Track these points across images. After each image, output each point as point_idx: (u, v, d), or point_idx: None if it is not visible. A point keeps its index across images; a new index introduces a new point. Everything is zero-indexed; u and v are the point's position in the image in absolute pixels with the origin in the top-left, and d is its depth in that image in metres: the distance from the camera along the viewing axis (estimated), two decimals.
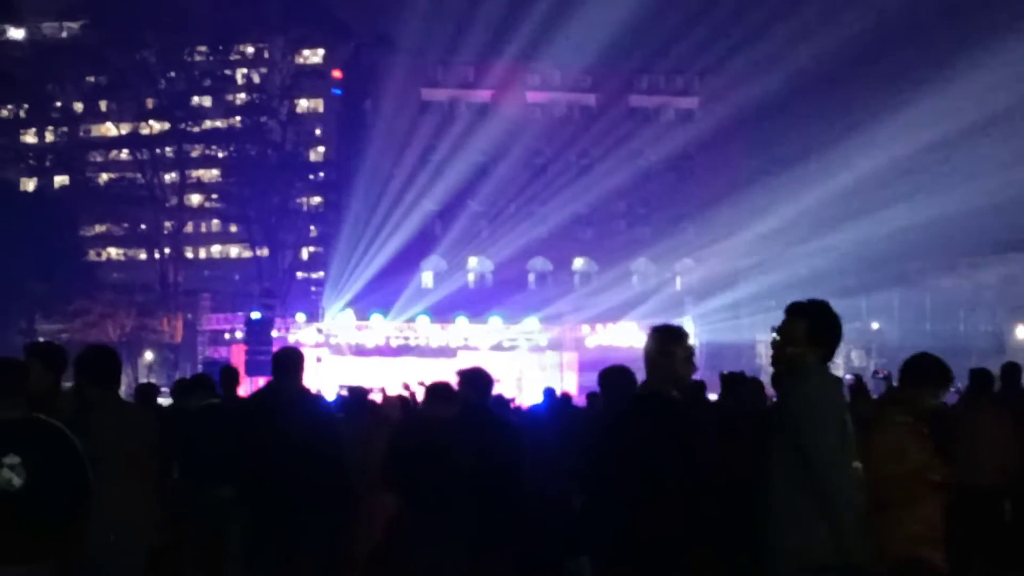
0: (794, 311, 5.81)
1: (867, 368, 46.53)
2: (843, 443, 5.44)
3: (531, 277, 71.98)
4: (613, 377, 7.77)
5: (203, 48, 72.54)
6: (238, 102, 74.12)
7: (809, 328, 5.72)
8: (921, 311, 60.76)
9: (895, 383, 7.42)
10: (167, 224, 72.72)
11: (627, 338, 50.47)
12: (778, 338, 5.81)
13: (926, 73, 57.14)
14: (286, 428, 7.63)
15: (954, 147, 57.11)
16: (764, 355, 59.38)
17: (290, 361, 8.14)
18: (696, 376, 7.27)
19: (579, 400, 19.31)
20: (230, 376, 11.71)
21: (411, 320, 50.17)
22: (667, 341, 6.14)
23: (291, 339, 44.63)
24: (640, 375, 6.70)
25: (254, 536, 7.86)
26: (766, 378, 10.55)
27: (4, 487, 5.21)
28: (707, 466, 6.01)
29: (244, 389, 23.86)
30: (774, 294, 58.98)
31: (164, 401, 14.23)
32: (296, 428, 7.64)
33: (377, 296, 57.07)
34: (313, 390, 9.60)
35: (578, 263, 71.22)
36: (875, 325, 63.11)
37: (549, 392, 15.28)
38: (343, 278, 61.44)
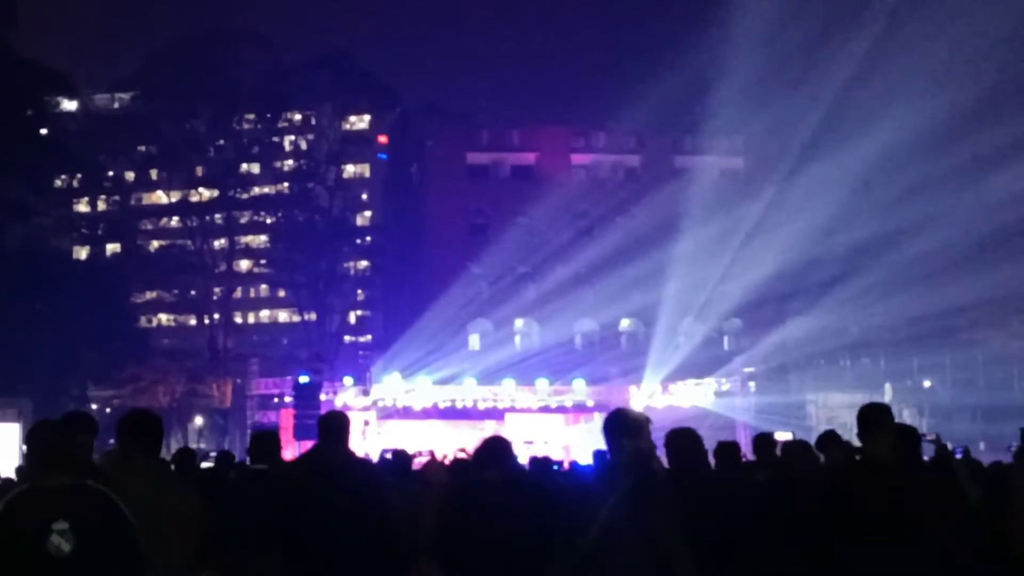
0: None
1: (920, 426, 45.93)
2: None
3: (577, 339, 71.75)
4: (680, 439, 7.70)
5: (251, 116, 73.59)
6: (286, 168, 75.01)
7: None
8: (973, 369, 60.00)
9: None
10: (216, 290, 73.44)
11: (675, 399, 50.24)
12: None
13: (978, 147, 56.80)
14: (333, 493, 7.58)
15: (1003, 204, 56.62)
16: (814, 415, 58.97)
17: (336, 425, 8.09)
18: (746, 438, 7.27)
19: None
20: (273, 441, 11.70)
21: (458, 383, 50.12)
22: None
23: (338, 402, 44.69)
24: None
25: None
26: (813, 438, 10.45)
27: (54, 553, 5.21)
28: None
29: (291, 453, 23.90)
30: (824, 353, 58.79)
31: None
32: (344, 493, 7.59)
33: (424, 359, 57.14)
34: (359, 454, 9.57)
35: (625, 323, 70.98)
36: (927, 383, 62.40)
37: (599, 454, 15.16)
38: (390, 341, 61.58)
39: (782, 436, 11.55)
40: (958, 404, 56.94)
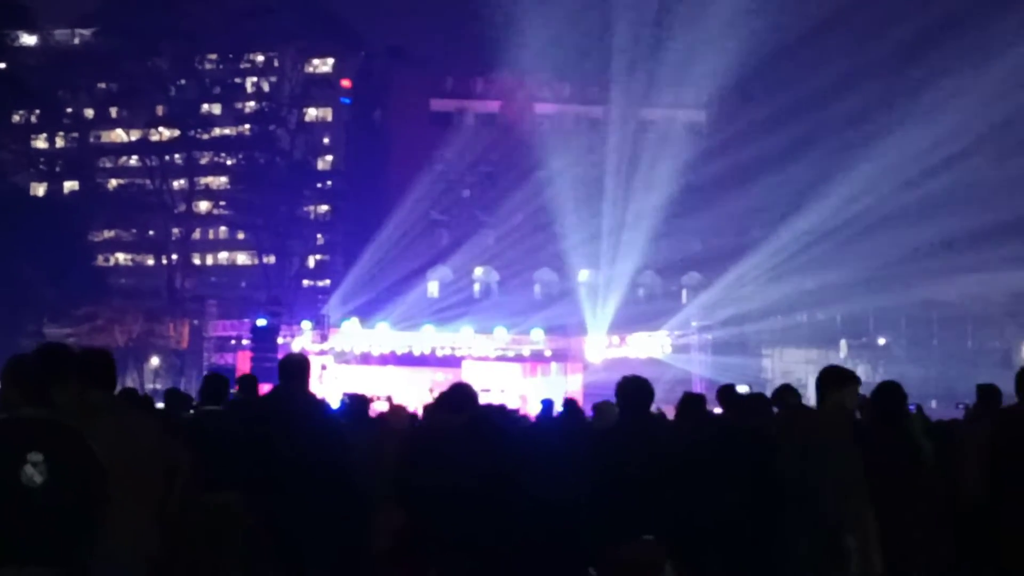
0: None
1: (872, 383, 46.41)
2: None
3: (537, 288, 71.94)
4: (630, 388, 7.73)
5: (214, 56, 72.92)
6: (248, 110, 74.39)
7: None
8: (928, 326, 60.67)
9: None
10: (175, 230, 72.99)
11: (633, 350, 50.48)
12: None
13: (932, 94, 57.24)
14: (295, 434, 7.63)
15: (960, 164, 57.05)
16: (770, 369, 59.53)
17: (297, 367, 8.15)
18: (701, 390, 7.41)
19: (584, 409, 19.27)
20: (252, 384, 11.76)
21: (416, 329, 50.14)
22: None
23: (296, 346, 44.63)
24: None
25: (257, 544, 7.86)
26: (770, 391, 10.58)
27: (27, 483, 5.26)
28: None
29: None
30: (780, 308, 59.20)
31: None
32: (305, 434, 7.64)
33: (383, 305, 57.15)
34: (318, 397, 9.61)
35: (584, 274, 71.18)
36: (881, 340, 63.04)
37: (547, 403, 15.30)
38: (349, 286, 61.51)
39: (741, 389, 11.65)
40: (911, 361, 57.57)
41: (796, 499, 7.18)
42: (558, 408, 15.28)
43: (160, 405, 13.39)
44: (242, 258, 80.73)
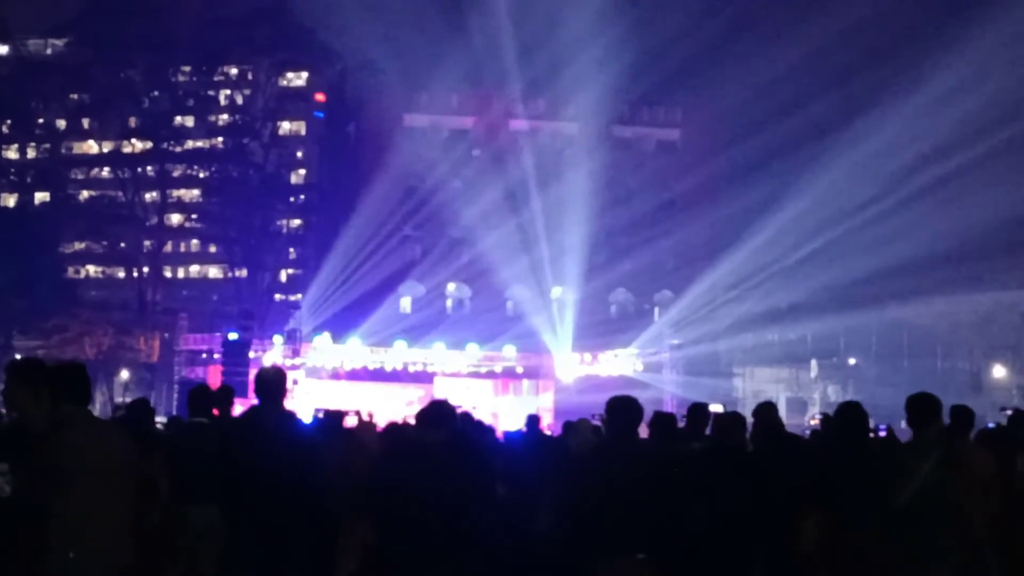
0: None
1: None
2: None
3: (509, 305, 71.99)
4: (620, 407, 7.69)
5: (187, 68, 72.70)
6: (221, 123, 74.16)
7: None
8: (898, 347, 60.96)
9: None
10: (147, 243, 72.66)
11: (604, 368, 50.57)
12: None
13: (903, 112, 57.68)
14: (273, 450, 7.64)
15: (934, 187, 57.47)
16: (741, 388, 59.71)
17: (275, 383, 8.16)
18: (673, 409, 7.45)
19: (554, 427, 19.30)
20: (210, 396, 11.65)
21: (388, 345, 50.10)
22: None
23: (267, 360, 44.49)
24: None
25: (233, 557, 7.85)
26: (743, 411, 10.62)
27: None
28: None
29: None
30: (751, 327, 59.42)
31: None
32: (282, 450, 7.66)
33: (354, 320, 57.05)
34: None
35: (556, 291, 71.30)
36: (852, 360, 63.31)
37: (532, 419, 15.28)
38: (321, 301, 61.39)
39: (714, 408, 11.69)
40: (882, 381, 57.82)
41: (940, 516, 7.24)
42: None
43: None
44: (214, 271, 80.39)
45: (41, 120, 73.41)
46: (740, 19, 65.16)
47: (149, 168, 72.87)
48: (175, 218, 75.43)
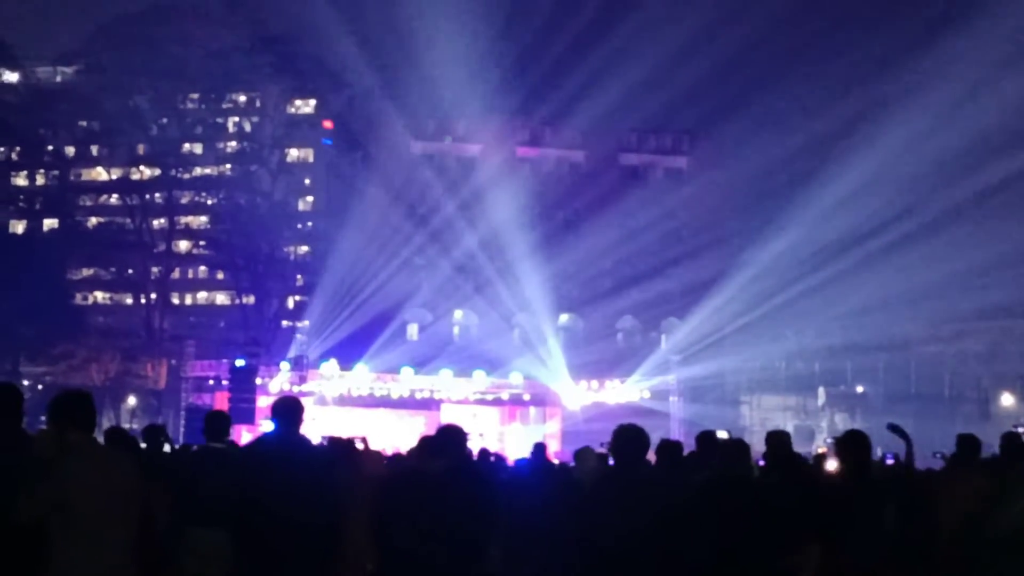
0: None
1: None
2: None
3: (515, 333, 71.91)
4: (625, 437, 7.65)
5: (196, 96, 73.04)
6: (229, 150, 74.43)
7: None
8: (906, 375, 60.77)
9: None
10: (154, 269, 72.78)
11: (611, 395, 50.49)
12: None
13: (913, 142, 57.72)
14: (289, 476, 7.66)
15: (941, 216, 57.48)
16: (747, 416, 59.55)
17: (293, 411, 8.20)
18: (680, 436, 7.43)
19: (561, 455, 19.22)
20: (227, 421, 11.62)
21: (395, 372, 50.05)
22: None
23: (274, 387, 44.49)
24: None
25: None
26: (750, 439, 10.61)
27: None
28: None
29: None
30: (758, 355, 59.31)
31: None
32: (298, 477, 7.67)
33: (361, 347, 56.98)
34: None
35: (563, 318, 71.28)
36: (860, 388, 63.10)
37: (539, 447, 15.21)
38: (328, 328, 61.36)
39: (721, 435, 11.68)
40: (890, 410, 57.62)
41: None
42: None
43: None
44: (221, 298, 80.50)
45: (50, 147, 73.76)
46: (748, 47, 65.33)
47: (157, 195, 73.11)
48: (183, 245, 75.62)
